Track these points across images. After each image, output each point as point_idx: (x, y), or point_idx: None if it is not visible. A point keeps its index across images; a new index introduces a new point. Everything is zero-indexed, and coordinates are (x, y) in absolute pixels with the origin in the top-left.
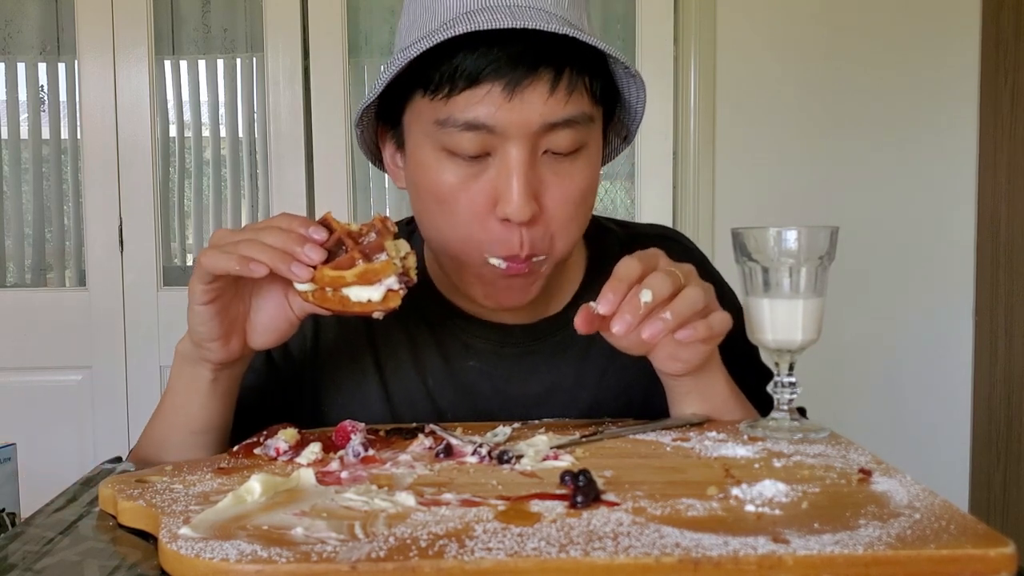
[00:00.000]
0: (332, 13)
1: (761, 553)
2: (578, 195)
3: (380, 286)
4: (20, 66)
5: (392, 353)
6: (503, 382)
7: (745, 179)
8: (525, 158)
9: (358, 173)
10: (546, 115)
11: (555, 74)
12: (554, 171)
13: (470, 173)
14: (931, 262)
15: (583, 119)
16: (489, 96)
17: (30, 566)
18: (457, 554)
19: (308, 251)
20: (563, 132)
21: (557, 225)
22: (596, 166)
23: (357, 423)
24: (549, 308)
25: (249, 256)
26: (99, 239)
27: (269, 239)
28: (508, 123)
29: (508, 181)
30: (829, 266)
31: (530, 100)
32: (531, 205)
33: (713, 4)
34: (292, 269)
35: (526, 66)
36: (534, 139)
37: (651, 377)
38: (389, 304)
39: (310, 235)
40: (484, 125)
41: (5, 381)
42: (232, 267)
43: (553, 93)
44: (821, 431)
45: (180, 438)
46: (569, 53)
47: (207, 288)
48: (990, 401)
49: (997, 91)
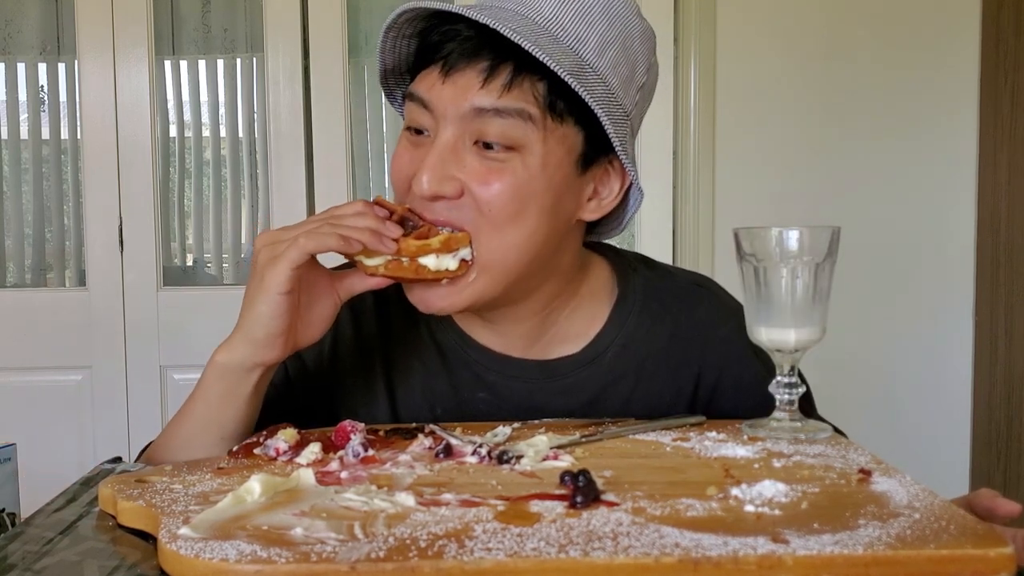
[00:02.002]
0: (332, 13)
1: (761, 553)
2: (503, 191)
3: (457, 255)
4: (20, 66)
5: (404, 380)
6: (511, 416)
7: (745, 179)
8: (448, 139)
9: (358, 173)
10: (475, 100)
11: (491, 65)
12: (480, 160)
13: (414, 146)
14: (931, 262)
15: (519, 115)
16: (431, 74)
17: (30, 566)
18: (457, 554)
19: (389, 226)
20: (494, 121)
21: (477, 215)
22: (536, 173)
23: (357, 423)
24: (567, 347)
25: (347, 235)
26: (99, 239)
27: (350, 220)
28: (439, 100)
29: (426, 155)
30: (831, 267)
31: (461, 84)
32: (440, 182)
33: (713, 4)
34: (384, 242)
35: (464, 52)
36: (464, 123)
37: None
38: (461, 272)
39: (377, 213)
40: (421, 99)
41: (5, 381)
42: (334, 244)
43: (487, 83)
44: (822, 431)
45: (209, 442)
46: (520, 53)
47: (293, 275)
48: (990, 401)
49: (997, 91)
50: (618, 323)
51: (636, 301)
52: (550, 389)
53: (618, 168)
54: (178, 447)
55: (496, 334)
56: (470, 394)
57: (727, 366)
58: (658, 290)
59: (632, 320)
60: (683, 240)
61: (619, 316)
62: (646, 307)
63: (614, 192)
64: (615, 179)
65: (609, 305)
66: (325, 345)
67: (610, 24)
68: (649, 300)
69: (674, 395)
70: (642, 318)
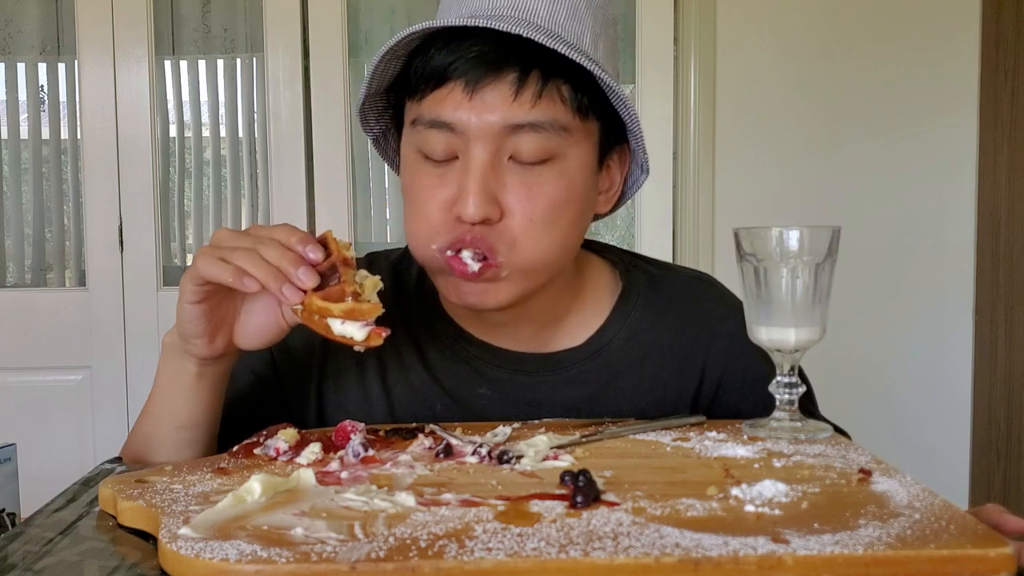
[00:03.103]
0: (332, 13)
1: (761, 553)
2: (545, 205)
3: (365, 326)
4: (20, 66)
5: (401, 377)
6: (513, 411)
7: (745, 179)
8: (485, 159)
9: (358, 173)
10: (508, 116)
11: (520, 75)
12: (519, 178)
13: (439, 175)
14: (931, 262)
15: (552, 126)
16: (452, 95)
17: (30, 566)
18: (457, 554)
19: (302, 274)
20: (528, 136)
21: (520, 231)
22: (572, 179)
23: (357, 423)
24: (568, 339)
25: (244, 270)
26: (99, 239)
27: (267, 253)
28: (468, 122)
29: (465, 180)
30: (831, 266)
31: (491, 100)
32: (486, 206)
33: (713, 4)
34: (284, 291)
35: (488, 65)
36: (496, 141)
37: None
38: (371, 343)
39: (307, 255)
40: (446, 124)
41: (5, 381)
42: (226, 278)
43: (519, 95)
44: (822, 431)
45: (164, 433)
46: (542, 58)
47: (197, 289)
48: (990, 401)
49: (997, 91)
50: (622, 316)
51: (639, 295)
52: (553, 382)
53: (616, 158)
54: (143, 438)
55: (498, 331)
56: (470, 390)
57: (732, 360)
58: (660, 284)
59: (636, 313)
60: (683, 240)
61: (623, 309)
62: (649, 301)
63: (617, 180)
64: (616, 168)
65: (612, 299)
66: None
67: (595, 16)
68: (652, 294)
69: (678, 388)
70: (645, 311)
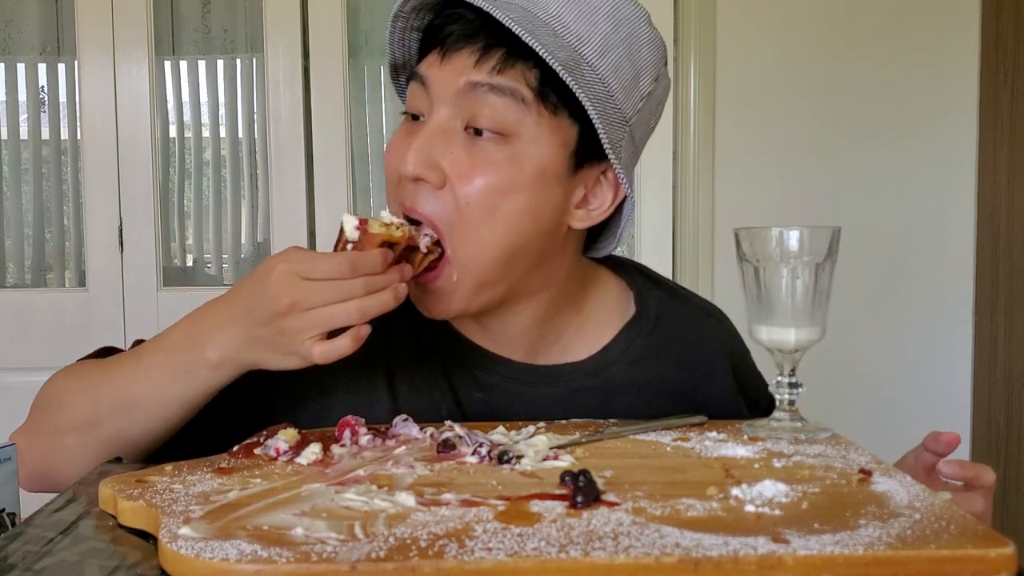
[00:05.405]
0: (332, 13)
1: (761, 553)
2: (483, 183)
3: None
4: (20, 66)
5: (407, 379)
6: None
7: (745, 179)
8: (441, 120)
9: (358, 173)
10: (470, 76)
11: (487, 45)
12: (466, 149)
13: (407, 131)
14: (931, 262)
15: (511, 93)
16: (432, 57)
17: (30, 566)
18: (457, 554)
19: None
20: (487, 99)
21: (459, 206)
22: (521, 168)
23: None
24: (573, 353)
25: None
26: (99, 239)
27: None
28: (436, 79)
29: (416, 136)
30: (831, 267)
31: (457, 62)
32: (422, 165)
33: (713, 4)
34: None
35: (463, 33)
36: (458, 101)
37: None
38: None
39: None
40: (421, 77)
41: (5, 381)
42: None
43: (481, 61)
44: (823, 431)
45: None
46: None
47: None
48: (990, 401)
49: (997, 91)
50: (627, 341)
51: (649, 322)
52: (549, 394)
53: (612, 180)
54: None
55: (496, 339)
56: (466, 395)
57: (729, 404)
58: (671, 314)
59: (641, 341)
60: (683, 240)
61: (629, 334)
62: (657, 330)
63: (606, 203)
64: (608, 190)
65: (619, 320)
66: None
67: (616, 27)
68: (662, 323)
69: None
70: (651, 341)
